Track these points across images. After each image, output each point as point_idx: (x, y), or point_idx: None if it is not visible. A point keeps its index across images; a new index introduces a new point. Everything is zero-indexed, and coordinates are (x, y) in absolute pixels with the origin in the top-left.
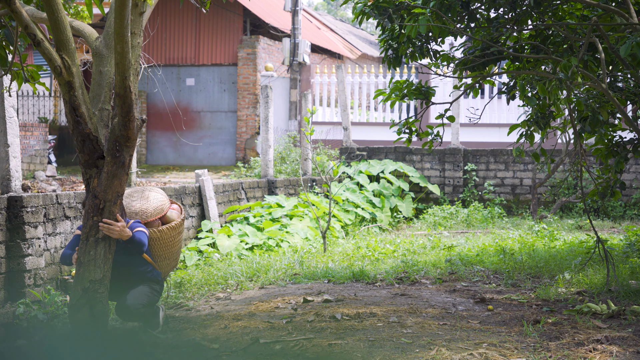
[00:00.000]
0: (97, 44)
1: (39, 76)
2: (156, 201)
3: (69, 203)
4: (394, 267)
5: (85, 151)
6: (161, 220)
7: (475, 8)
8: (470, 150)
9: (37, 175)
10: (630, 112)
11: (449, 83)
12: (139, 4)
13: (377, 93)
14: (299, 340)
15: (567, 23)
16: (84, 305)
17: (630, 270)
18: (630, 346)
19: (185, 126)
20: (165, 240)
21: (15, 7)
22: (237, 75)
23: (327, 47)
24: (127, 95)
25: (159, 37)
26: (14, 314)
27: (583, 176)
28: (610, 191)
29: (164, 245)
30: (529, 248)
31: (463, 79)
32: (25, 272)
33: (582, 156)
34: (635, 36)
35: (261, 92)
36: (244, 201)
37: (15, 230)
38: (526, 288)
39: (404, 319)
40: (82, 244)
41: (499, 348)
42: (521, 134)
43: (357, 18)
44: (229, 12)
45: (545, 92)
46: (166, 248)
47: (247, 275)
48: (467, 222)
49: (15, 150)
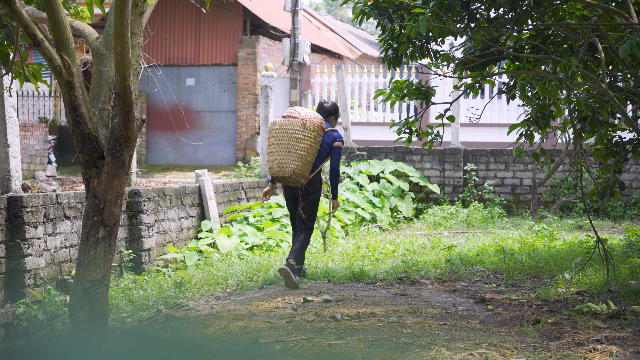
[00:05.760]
0: (97, 44)
1: (40, 75)
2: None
3: (69, 203)
4: (394, 267)
5: (85, 151)
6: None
7: (475, 8)
8: (470, 150)
9: (37, 175)
10: (630, 112)
11: (449, 83)
12: (139, 4)
13: (377, 93)
14: (299, 340)
15: (567, 23)
16: (84, 305)
17: (630, 270)
18: (630, 346)
19: (185, 126)
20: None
21: (16, 7)
22: (237, 75)
23: (327, 47)
24: (127, 95)
25: (159, 37)
26: (14, 314)
27: (583, 176)
28: (610, 191)
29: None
30: (529, 248)
31: (463, 79)
32: (25, 272)
33: (582, 156)
34: (635, 36)
35: (261, 92)
36: (244, 201)
37: (15, 230)
38: (526, 288)
39: (404, 319)
40: (82, 244)
41: (499, 348)
42: (521, 133)
43: (357, 18)
44: (229, 12)
45: (545, 92)
46: None
47: (247, 275)
48: (467, 222)
49: (15, 150)
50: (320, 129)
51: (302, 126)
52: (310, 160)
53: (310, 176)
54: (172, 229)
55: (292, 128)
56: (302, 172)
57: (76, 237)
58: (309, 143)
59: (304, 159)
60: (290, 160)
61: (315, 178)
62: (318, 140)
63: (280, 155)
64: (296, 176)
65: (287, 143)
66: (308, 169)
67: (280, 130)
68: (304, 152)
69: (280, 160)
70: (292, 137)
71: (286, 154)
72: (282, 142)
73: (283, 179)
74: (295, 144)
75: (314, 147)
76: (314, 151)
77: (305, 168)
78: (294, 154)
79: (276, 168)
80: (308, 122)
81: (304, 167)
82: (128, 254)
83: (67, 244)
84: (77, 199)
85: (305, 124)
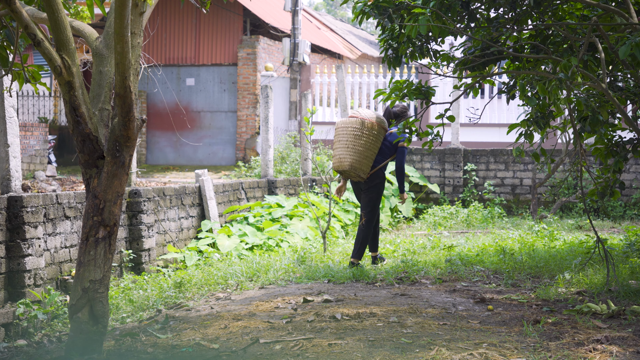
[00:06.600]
0: (97, 44)
1: (40, 76)
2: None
3: (69, 203)
4: (394, 267)
5: (85, 151)
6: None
7: (475, 8)
8: (470, 150)
9: (37, 175)
10: (630, 112)
11: (449, 83)
12: (139, 4)
13: (377, 93)
14: (299, 340)
15: (567, 23)
16: (84, 305)
17: (630, 270)
18: (630, 346)
19: (185, 126)
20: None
21: (16, 7)
22: (237, 75)
23: (327, 47)
24: (127, 95)
25: (159, 37)
26: (14, 314)
27: (583, 176)
28: (610, 191)
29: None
30: (529, 248)
31: (463, 78)
32: (25, 272)
33: (582, 156)
34: (634, 36)
35: (261, 92)
36: (244, 201)
37: (15, 230)
38: (526, 288)
39: (404, 319)
40: (82, 244)
41: (499, 348)
42: (521, 133)
43: (357, 18)
44: (229, 12)
45: (545, 92)
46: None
47: (247, 275)
48: (467, 222)
49: (15, 150)
50: (379, 127)
51: (361, 124)
52: (369, 156)
53: (371, 171)
54: (172, 229)
55: (351, 126)
56: (361, 167)
57: (76, 237)
58: (367, 140)
59: (362, 155)
60: (349, 155)
61: (377, 173)
62: (378, 139)
63: (341, 151)
64: (354, 170)
65: (346, 140)
66: (367, 164)
67: (342, 129)
68: (361, 147)
69: (340, 155)
70: (351, 134)
71: (345, 149)
72: (342, 139)
73: (344, 173)
74: (353, 140)
75: (373, 144)
76: (374, 148)
77: (364, 163)
78: (352, 150)
79: (337, 163)
80: (367, 121)
81: (362, 161)
82: (128, 254)
83: (67, 244)
84: (77, 199)
85: (364, 123)
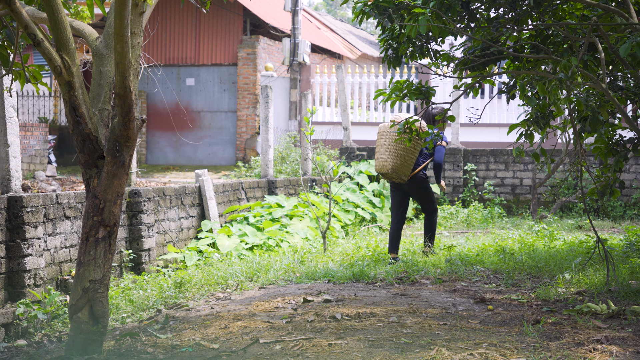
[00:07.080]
0: (97, 44)
1: (41, 76)
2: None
3: (69, 203)
4: (394, 267)
5: (85, 151)
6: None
7: (475, 8)
8: (470, 150)
9: (37, 175)
10: (630, 112)
11: (449, 83)
12: (139, 4)
13: (377, 93)
14: (299, 340)
15: (567, 23)
16: (84, 305)
17: (630, 270)
18: (630, 346)
19: (185, 126)
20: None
21: (16, 7)
22: (237, 75)
23: (327, 47)
24: (127, 95)
25: (159, 37)
26: (14, 314)
27: (583, 176)
28: (610, 190)
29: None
30: (529, 248)
31: (463, 78)
32: (25, 272)
33: (582, 156)
34: (635, 36)
35: (261, 92)
36: (244, 201)
37: (15, 230)
38: (526, 288)
39: (404, 319)
40: (82, 244)
41: (499, 348)
42: (521, 133)
43: (357, 18)
44: (229, 12)
45: (545, 92)
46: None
47: (247, 275)
48: (467, 222)
49: (15, 150)
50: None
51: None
52: (410, 159)
53: (412, 173)
54: (172, 229)
55: (393, 130)
56: (402, 170)
57: (76, 237)
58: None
59: (403, 158)
60: (391, 159)
61: (418, 174)
62: (419, 142)
63: (383, 155)
64: (395, 173)
65: (388, 144)
66: (408, 167)
67: (384, 133)
68: (403, 151)
69: (382, 159)
70: (393, 138)
71: (387, 153)
72: (384, 143)
73: (386, 176)
74: (395, 144)
75: (414, 147)
76: (414, 151)
77: (405, 166)
78: (393, 154)
79: (379, 166)
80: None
81: (403, 164)
82: (128, 254)
83: (67, 244)
84: (77, 199)
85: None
